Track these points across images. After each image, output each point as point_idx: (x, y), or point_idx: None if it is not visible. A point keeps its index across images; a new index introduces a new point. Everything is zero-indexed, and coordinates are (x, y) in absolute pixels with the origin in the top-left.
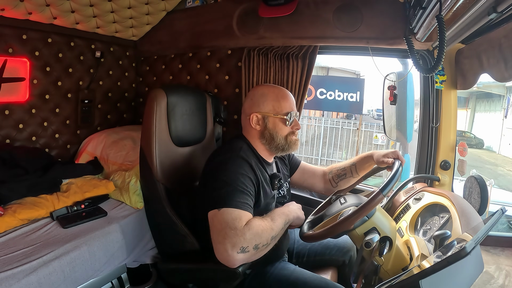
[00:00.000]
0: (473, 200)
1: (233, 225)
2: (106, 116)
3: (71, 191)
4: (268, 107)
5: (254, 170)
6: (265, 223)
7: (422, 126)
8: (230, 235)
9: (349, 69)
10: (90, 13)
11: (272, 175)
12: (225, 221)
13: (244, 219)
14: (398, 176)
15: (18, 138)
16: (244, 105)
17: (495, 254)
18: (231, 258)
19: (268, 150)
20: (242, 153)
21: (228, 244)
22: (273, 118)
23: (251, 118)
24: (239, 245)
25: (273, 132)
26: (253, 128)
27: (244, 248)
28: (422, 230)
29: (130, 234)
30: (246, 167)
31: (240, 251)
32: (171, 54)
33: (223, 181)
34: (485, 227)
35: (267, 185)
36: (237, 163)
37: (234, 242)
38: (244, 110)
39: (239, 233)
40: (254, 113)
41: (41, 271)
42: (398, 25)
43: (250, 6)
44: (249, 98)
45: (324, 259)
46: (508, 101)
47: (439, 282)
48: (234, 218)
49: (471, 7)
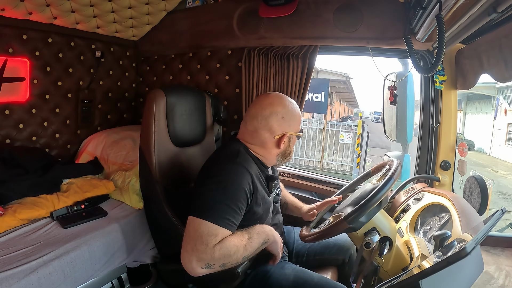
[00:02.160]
0: (473, 200)
1: (206, 241)
2: (106, 116)
3: (71, 191)
4: (297, 125)
5: (252, 179)
6: (240, 242)
7: (422, 126)
8: (199, 250)
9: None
10: (91, 13)
11: (270, 177)
12: (199, 232)
13: (220, 237)
14: (397, 175)
15: (18, 138)
16: (271, 122)
17: (495, 254)
18: (193, 270)
19: (274, 164)
20: (242, 159)
21: (194, 257)
22: (295, 136)
23: (283, 138)
24: (205, 261)
25: (292, 148)
26: (278, 147)
27: (209, 265)
28: (422, 230)
29: (130, 234)
30: (244, 177)
31: (205, 267)
32: (171, 54)
33: (213, 191)
34: (485, 227)
35: (263, 189)
36: (237, 173)
37: (200, 257)
38: (270, 127)
39: (209, 251)
40: (287, 134)
41: (41, 271)
42: (398, 25)
43: (250, 6)
44: (279, 115)
45: (324, 259)
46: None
47: (439, 282)
48: (209, 233)
49: (471, 7)
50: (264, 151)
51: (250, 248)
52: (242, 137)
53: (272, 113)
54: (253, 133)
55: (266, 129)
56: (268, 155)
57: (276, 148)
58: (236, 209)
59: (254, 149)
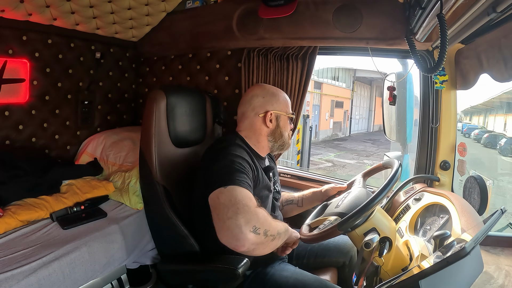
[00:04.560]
0: (472, 200)
1: (246, 202)
2: (106, 117)
3: (71, 192)
4: (281, 106)
5: (250, 156)
6: (270, 218)
7: (422, 126)
8: (244, 211)
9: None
10: (90, 14)
11: (266, 168)
12: (235, 197)
13: (254, 201)
14: (398, 177)
15: (18, 139)
16: (253, 103)
17: (494, 254)
18: (242, 236)
19: (269, 148)
20: (238, 141)
21: (242, 219)
22: (284, 116)
23: (267, 116)
24: (253, 223)
25: (283, 131)
26: (265, 125)
27: (256, 228)
28: (422, 230)
29: (130, 235)
30: (243, 152)
31: (253, 230)
32: (171, 55)
33: (223, 164)
34: (485, 227)
35: (261, 175)
36: (234, 149)
37: (248, 218)
38: (253, 107)
39: (253, 211)
40: (270, 111)
41: (41, 272)
42: (398, 25)
43: (250, 7)
44: (259, 96)
45: (324, 261)
46: None
47: (439, 282)
48: (245, 196)
49: (470, 7)
50: (254, 135)
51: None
52: (237, 128)
53: (253, 96)
54: (242, 118)
55: (251, 110)
56: (259, 137)
57: (265, 127)
58: (248, 176)
59: (248, 137)
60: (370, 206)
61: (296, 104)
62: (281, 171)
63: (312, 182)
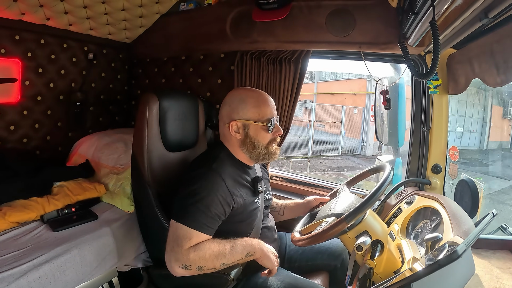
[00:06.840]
0: (464, 203)
1: (180, 243)
2: (98, 119)
3: (62, 194)
4: (249, 114)
5: (227, 186)
6: (219, 249)
7: (414, 130)
8: (175, 251)
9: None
10: (84, 14)
11: (254, 179)
12: (176, 235)
13: (194, 240)
14: (390, 180)
15: (9, 139)
16: (222, 112)
17: (486, 256)
18: (172, 270)
19: (248, 159)
20: (218, 166)
21: (172, 257)
22: (254, 125)
23: (231, 126)
24: (181, 262)
25: (255, 141)
26: (233, 136)
27: (186, 265)
28: (414, 233)
29: (121, 237)
30: (218, 184)
31: (182, 267)
32: (164, 57)
33: (191, 196)
34: (476, 230)
35: (246, 194)
36: (211, 180)
37: (177, 258)
38: (221, 117)
39: (183, 252)
40: (234, 121)
41: (31, 275)
42: (391, 30)
43: (243, 10)
44: (227, 104)
45: (316, 264)
46: None
47: (431, 285)
48: (184, 236)
49: (463, 13)
50: (230, 146)
51: (230, 257)
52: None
53: (224, 103)
54: (219, 129)
55: (220, 119)
56: (233, 147)
57: (232, 138)
58: (211, 214)
59: (229, 148)
60: (375, 198)
61: (288, 108)
62: (273, 175)
63: (304, 185)
